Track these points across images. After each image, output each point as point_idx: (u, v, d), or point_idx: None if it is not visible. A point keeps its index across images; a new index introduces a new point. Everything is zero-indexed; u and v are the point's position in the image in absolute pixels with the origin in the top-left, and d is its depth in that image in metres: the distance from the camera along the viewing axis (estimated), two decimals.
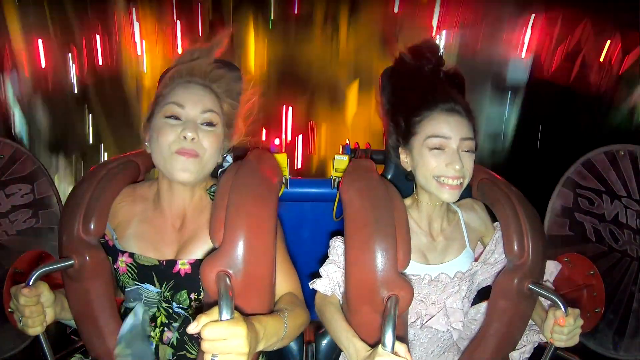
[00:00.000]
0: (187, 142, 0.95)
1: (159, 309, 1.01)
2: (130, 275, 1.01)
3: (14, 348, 1.47)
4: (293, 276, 1.06)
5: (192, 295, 1.00)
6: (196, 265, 0.99)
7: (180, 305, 1.01)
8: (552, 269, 1.24)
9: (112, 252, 1.03)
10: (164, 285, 1.00)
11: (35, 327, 0.91)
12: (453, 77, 1.14)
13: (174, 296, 1.00)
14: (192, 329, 0.72)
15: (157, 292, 1.01)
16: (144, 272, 1.00)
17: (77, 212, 0.98)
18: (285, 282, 1.03)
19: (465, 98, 1.14)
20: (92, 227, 0.97)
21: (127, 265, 1.01)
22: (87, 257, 0.96)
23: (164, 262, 1.00)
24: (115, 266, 1.03)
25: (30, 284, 0.90)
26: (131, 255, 1.01)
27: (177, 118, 0.98)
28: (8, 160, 1.58)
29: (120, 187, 1.06)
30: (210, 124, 1.00)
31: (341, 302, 1.07)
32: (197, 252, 1.00)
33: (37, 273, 0.91)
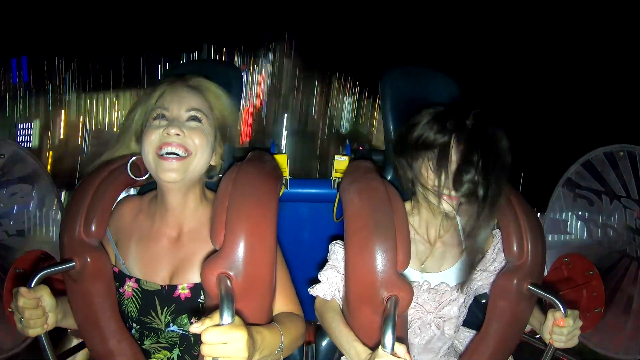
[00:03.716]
0: (171, 137, 0.94)
1: (161, 334, 1.02)
2: (134, 300, 1.01)
3: (14, 348, 1.48)
4: (292, 295, 1.05)
5: (193, 320, 0.99)
6: (195, 289, 0.98)
7: (181, 328, 1.00)
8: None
9: (119, 278, 1.03)
10: (165, 308, 1.00)
11: (35, 329, 0.92)
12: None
13: (174, 320, 1.00)
14: (194, 328, 0.73)
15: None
16: (148, 298, 1.00)
17: (79, 213, 0.98)
18: (283, 300, 1.02)
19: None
20: (93, 228, 0.97)
21: (133, 290, 1.01)
22: (88, 259, 0.96)
23: (166, 287, 1.00)
24: (121, 291, 1.02)
25: (32, 286, 0.90)
26: (137, 280, 1.01)
27: (163, 118, 0.98)
28: (9, 160, 1.58)
29: (122, 188, 1.06)
30: (195, 119, 0.99)
31: (341, 306, 1.07)
32: (195, 275, 0.99)
33: (39, 275, 0.91)
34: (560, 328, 0.96)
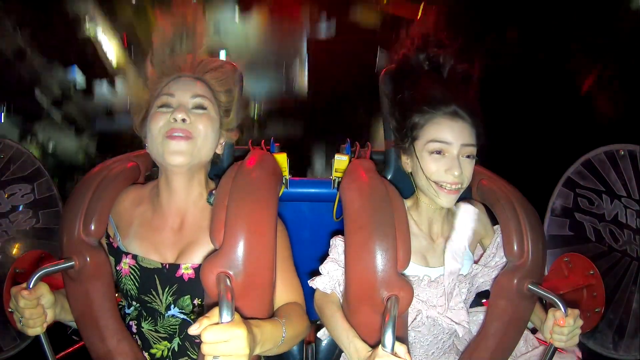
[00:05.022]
0: (177, 123, 0.95)
1: (159, 320, 1.01)
2: (132, 278, 1.00)
3: (14, 348, 1.48)
4: (296, 287, 1.05)
5: (196, 301, 0.99)
6: (200, 270, 0.97)
7: (182, 311, 1.00)
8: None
9: (116, 253, 1.03)
10: (166, 289, 0.99)
11: (35, 328, 0.91)
12: (461, 76, 1.09)
13: (176, 301, 0.99)
14: (193, 330, 0.72)
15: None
16: (147, 276, 0.99)
17: (78, 213, 0.98)
18: (288, 293, 1.02)
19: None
20: (92, 228, 0.97)
21: (130, 267, 1.01)
22: (88, 258, 0.96)
23: (167, 266, 0.99)
24: (117, 268, 1.02)
25: (31, 285, 0.89)
26: (134, 257, 1.01)
27: (169, 106, 0.99)
28: (8, 160, 1.58)
29: (121, 188, 1.06)
30: (201, 107, 1.00)
31: (341, 300, 1.07)
32: (199, 256, 0.99)
33: (38, 275, 0.91)
34: (561, 328, 0.96)
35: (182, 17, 1.03)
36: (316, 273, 1.10)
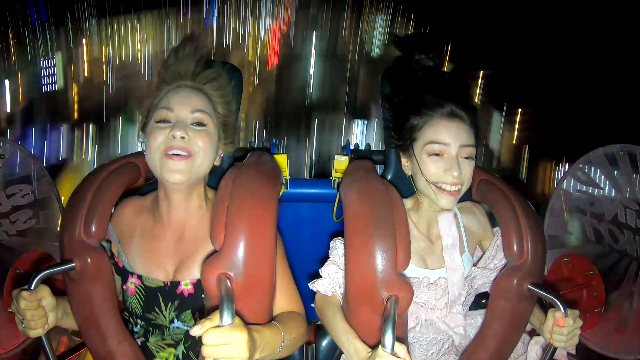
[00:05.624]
0: (176, 141, 0.95)
1: (166, 331, 1.02)
2: (138, 296, 1.02)
3: (14, 348, 1.48)
4: (294, 296, 1.06)
5: (197, 315, 1.00)
6: (198, 285, 0.99)
7: (185, 323, 1.01)
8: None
9: (122, 273, 1.04)
10: (169, 305, 1.00)
11: (36, 330, 0.92)
12: (456, 76, 1.10)
13: (179, 316, 1.01)
14: (195, 331, 0.73)
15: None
16: (151, 294, 1.01)
17: (79, 214, 0.98)
18: (286, 302, 1.03)
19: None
20: (93, 229, 0.98)
21: (137, 287, 1.02)
22: (89, 260, 0.97)
23: (169, 284, 1.00)
24: (124, 287, 1.03)
25: (32, 287, 0.90)
26: (139, 277, 1.02)
27: (167, 121, 0.98)
28: (9, 160, 1.58)
29: (121, 188, 1.06)
30: (200, 123, 0.99)
31: (341, 302, 1.07)
32: (198, 272, 1.00)
33: (39, 276, 0.91)
34: (561, 328, 0.96)
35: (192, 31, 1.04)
36: (316, 275, 1.10)
